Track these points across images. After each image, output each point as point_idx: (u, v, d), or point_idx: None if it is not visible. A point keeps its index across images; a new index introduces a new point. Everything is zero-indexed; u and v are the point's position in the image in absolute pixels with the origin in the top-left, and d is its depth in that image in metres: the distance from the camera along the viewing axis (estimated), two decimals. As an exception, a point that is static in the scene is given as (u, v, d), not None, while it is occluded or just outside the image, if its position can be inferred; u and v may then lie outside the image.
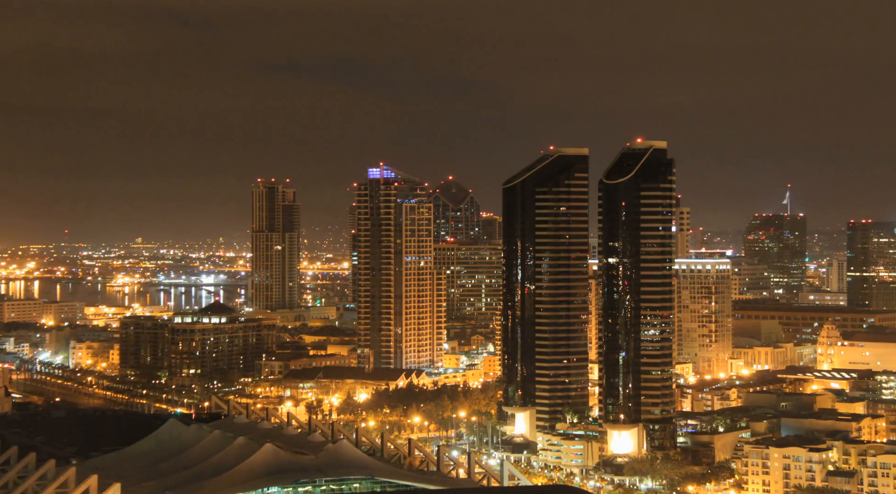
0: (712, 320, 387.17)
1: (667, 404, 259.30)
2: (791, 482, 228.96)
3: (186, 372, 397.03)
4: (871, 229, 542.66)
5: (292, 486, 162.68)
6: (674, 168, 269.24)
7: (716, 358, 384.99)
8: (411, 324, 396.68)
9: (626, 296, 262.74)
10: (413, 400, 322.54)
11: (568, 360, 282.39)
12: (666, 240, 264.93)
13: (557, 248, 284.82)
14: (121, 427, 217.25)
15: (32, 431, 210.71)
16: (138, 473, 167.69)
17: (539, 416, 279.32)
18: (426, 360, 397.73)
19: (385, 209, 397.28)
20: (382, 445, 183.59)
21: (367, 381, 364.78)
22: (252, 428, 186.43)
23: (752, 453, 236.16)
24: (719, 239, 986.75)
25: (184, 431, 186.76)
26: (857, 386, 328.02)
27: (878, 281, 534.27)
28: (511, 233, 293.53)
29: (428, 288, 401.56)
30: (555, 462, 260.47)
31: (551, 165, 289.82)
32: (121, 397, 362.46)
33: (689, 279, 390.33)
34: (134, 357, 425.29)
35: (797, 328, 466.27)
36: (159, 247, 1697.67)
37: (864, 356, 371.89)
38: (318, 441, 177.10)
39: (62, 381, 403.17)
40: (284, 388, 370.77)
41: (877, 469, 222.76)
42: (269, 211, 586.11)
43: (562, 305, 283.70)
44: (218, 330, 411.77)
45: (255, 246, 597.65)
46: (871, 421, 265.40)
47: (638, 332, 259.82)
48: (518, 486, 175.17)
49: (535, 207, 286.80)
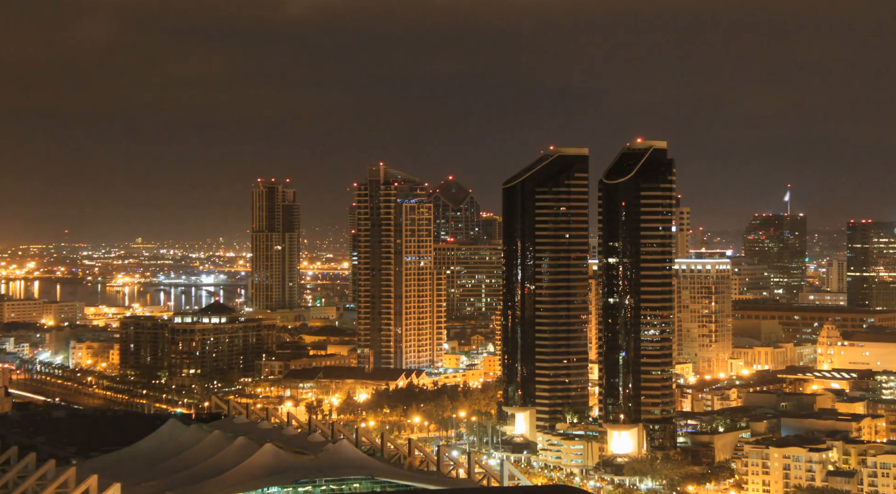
0: (712, 320, 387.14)
1: (667, 404, 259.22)
2: (791, 482, 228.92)
3: (186, 371, 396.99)
4: (871, 229, 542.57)
5: (292, 486, 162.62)
6: (674, 168, 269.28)
7: (716, 358, 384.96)
8: (411, 324, 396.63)
9: (626, 296, 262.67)
10: (413, 400, 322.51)
11: (568, 360, 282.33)
12: (666, 240, 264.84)
13: (557, 248, 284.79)
14: (121, 427, 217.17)
15: (32, 431, 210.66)
16: (138, 473, 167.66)
17: (539, 416, 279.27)
18: (426, 360, 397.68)
19: (385, 209, 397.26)
20: (382, 445, 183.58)
21: (367, 381, 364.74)
22: (252, 429, 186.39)
23: (752, 453, 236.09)
24: (719, 239, 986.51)
25: (184, 431, 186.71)
26: (857, 386, 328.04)
27: (878, 281, 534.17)
28: (511, 233, 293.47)
29: (428, 288, 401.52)
30: (555, 462, 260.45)
31: (551, 165, 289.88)
32: (121, 397, 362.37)
33: (689, 279, 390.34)
34: (134, 357, 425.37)
35: (797, 328, 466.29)
36: (159, 247, 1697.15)
37: (864, 356, 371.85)
38: (318, 441, 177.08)
39: (62, 381, 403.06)
40: (284, 388, 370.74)
41: (877, 469, 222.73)
42: (269, 211, 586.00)
43: (562, 305, 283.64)
44: (218, 330, 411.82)
45: (255, 246, 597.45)
46: (871, 421, 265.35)
47: (638, 332, 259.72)
48: (518, 486, 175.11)
49: (535, 207, 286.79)
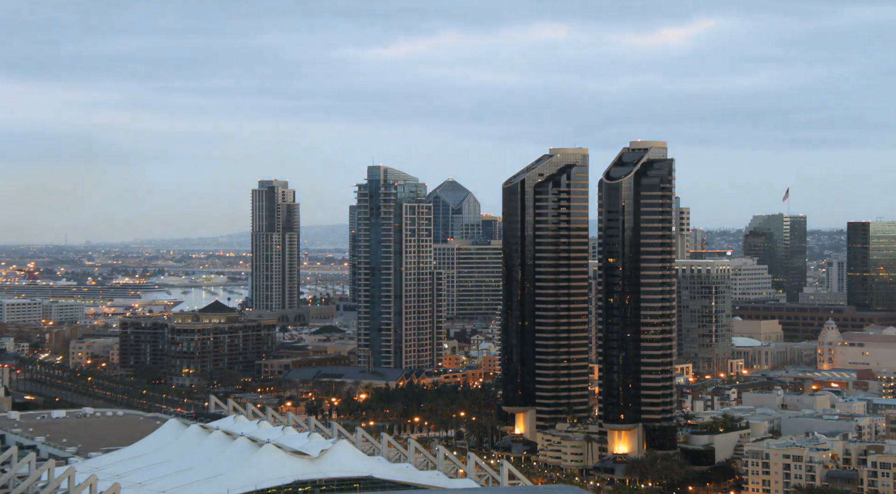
0: (712, 320, 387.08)
1: (667, 404, 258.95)
2: (791, 482, 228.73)
3: (186, 371, 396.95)
4: (871, 229, 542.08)
5: (292, 487, 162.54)
6: (674, 168, 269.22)
7: (716, 358, 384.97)
8: (411, 324, 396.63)
9: (626, 296, 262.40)
10: (413, 400, 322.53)
11: (568, 360, 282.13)
12: (666, 240, 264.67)
13: (557, 248, 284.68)
14: (121, 427, 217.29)
15: (32, 431, 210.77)
16: (138, 473, 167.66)
17: (539, 416, 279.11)
18: (426, 360, 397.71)
19: (385, 209, 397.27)
20: (382, 445, 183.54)
21: (367, 381, 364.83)
22: (252, 429, 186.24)
23: (752, 453, 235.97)
24: (719, 239, 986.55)
25: (184, 431, 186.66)
26: (857, 386, 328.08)
27: (878, 281, 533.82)
28: (511, 233, 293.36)
29: (428, 288, 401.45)
30: (555, 462, 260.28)
31: (551, 165, 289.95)
32: (121, 397, 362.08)
33: (689, 279, 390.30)
34: (134, 357, 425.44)
35: (797, 328, 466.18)
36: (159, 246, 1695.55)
37: (864, 356, 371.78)
38: (318, 441, 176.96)
39: (62, 381, 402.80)
40: (284, 388, 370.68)
41: (877, 469, 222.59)
42: (269, 211, 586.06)
43: (562, 305, 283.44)
44: (218, 330, 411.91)
45: (255, 246, 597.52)
46: (871, 421, 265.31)
47: (638, 332, 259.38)
48: (518, 486, 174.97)
49: (536, 207, 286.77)
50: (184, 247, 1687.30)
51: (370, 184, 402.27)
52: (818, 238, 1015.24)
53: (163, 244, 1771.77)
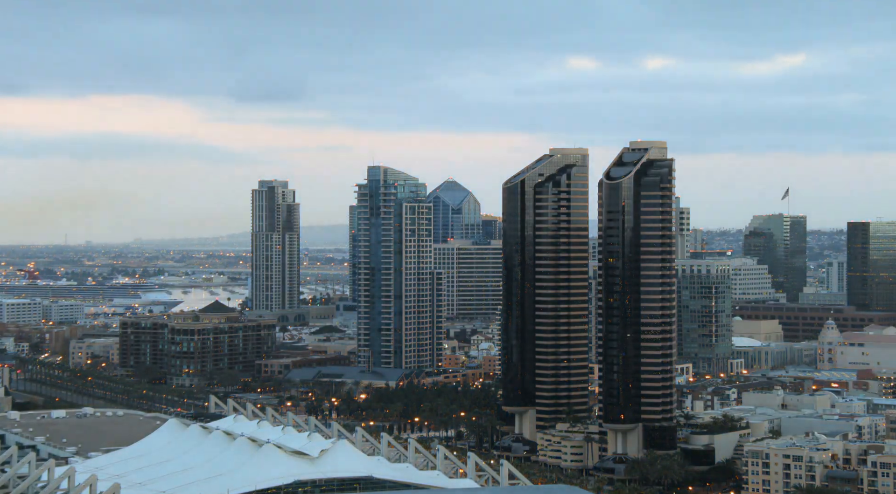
0: (712, 320, 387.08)
1: (667, 404, 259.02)
2: (791, 482, 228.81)
3: (186, 371, 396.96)
4: (871, 229, 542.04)
5: (292, 486, 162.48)
6: (674, 168, 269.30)
7: (716, 359, 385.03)
8: (411, 324, 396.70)
9: (626, 296, 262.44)
10: (413, 400, 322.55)
11: (568, 360, 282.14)
12: (666, 240, 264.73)
13: (557, 248, 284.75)
14: (121, 427, 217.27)
15: (32, 431, 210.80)
16: (138, 473, 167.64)
17: (539, 416, 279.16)
18: (426, 360, 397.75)
19: (385, 209, 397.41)
20: (382, 445, 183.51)
21: (366, 381, 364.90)
22: (252, 429, 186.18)
23: (752, 453, 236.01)
24: (719, 239, 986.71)
25: (184, 432, 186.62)
26: (857, 386, 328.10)
27: (878, 281, 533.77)
28: (511, 233, 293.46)
29: (428, 288, 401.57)
30: (555, 462, 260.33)
31: (551, 165, 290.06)
32: (121, 397, 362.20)
33: (689, 279, 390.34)
34: (134, 357, 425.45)
35: (797, 328, 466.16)
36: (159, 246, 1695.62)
37: (864, 356, 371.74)
38: (318, 441, 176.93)
39: (62, 381, 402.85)
40: (284, 388, 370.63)
41: (877, 469, 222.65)
42: (269, 211, 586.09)
43: (562, 305, 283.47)
44: (218, 330, 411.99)
45: (255, 246, 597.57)
46: (871, 421, 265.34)
47: (638, 332, 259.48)
48: (518, 486, 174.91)
49: (536, 207, 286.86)
50: (184, 247, 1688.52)
51: (370, 184, 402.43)
52: (818, 238, 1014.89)
53: (163, 244, 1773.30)
